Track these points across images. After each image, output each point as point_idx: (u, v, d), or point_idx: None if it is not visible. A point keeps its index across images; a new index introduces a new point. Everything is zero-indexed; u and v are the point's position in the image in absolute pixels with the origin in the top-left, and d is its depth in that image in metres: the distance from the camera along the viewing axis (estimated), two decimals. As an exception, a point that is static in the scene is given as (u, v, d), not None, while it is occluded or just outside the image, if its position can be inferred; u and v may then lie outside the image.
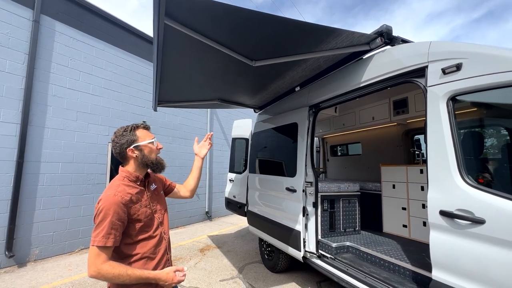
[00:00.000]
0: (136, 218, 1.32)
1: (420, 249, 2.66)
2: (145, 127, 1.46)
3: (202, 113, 8.01)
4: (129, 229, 1.30)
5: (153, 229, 1.39)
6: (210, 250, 4.99)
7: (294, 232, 3.06)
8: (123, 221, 1.25)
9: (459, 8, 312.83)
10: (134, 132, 1.40)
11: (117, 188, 1.30)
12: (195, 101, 4.14)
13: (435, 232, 1.69)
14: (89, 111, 5.11)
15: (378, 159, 4.33)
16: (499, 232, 1.39)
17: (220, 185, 8.39)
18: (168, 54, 2.41)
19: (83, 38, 5.10)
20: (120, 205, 1.24)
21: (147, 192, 1.45)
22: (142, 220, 1.34)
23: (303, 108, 3.26)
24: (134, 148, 1.38)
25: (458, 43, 1.77)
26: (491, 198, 1.44)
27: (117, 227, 1.22)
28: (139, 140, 1.39)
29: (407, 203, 3.15)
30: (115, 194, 1.26)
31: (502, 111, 1.65)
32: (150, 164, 1.43)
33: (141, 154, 1.40)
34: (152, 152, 1.44)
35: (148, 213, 1.39)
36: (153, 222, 1.41)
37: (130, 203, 1.30)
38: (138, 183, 1.41)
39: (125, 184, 1.35)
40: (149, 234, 1.37)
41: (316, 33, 2.19)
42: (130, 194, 1.32)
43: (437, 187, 1.70)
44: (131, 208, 1.30)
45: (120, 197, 1.26)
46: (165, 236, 1.47)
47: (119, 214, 1.23)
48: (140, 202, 1.36)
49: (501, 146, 1.68)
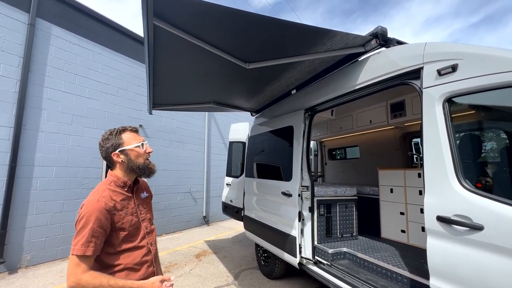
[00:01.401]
0: (120, 226, 1.25)
1: (418, 255, 2.59)
2: (133, 130, 1.39)
3: (200, 116, 7.98)
4: (112, 238, 1.23)
5: (138, 239, 1.32)
6: (206, 255, 4.90)
7: (290, 238, 2.99)
8: (105, 228, 1.19)
9: (458, 12, 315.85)
10: (120, 136, 1.34)
11: (102, 193, 1.24)
12: (191, 104, 4.10)
13: (432, 238, 1.63)
14: (84, 115, 5.07)
15: (376, 163, 4.27)
16: (498, 239, 1.33)
17: (218, 189, 8.31)
18: (160, 56, 2.38)
19: (80, 42, 5.08)
20: (103, 211, 1.18)
21: (135, 199, 1.39)
22: (127, 229, 1.27)
23: (298, 111, 3.22)
24: (119, 152, 1.32)
25: (453, 43, 1.73)
26: (489, 203, 1.39)
27: (98, 235, 1.16)
28: (124, 144, 1.33)
29: (405, 207, 3.08)
30: (99, 199, 1.20)
31: (500, 113, 1.61)
32: (136, 169, 1.35)
33: (127, 159, 1.33)
34: (139, 156, 1.35)
35: (134, 221, 1.32)
36: (139, 232, 1.34)
37: (114, 210, 1.24)
38: (125, 189, 1.35)
39: (111, 189, 1.30)
40: (134, 244, 1.29)
41: (310, 35, 2.16)
42: (114, 201, 1.26)
43: (434, 192, 1.64)
44: (115, 216, 1.24)
45: (104, 203, 1.20)
46: (152, 248, 1.39)
47: (101, 221, 1.17)
48: (125, 210, 1.30)
49: (500, 149, 1.63)
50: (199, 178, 7.78)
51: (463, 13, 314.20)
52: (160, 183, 6.51)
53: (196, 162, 7.73)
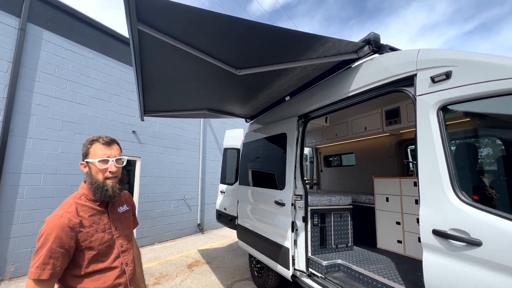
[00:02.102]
0: (87, 245, 1.13)
1: (415, 268, 2.50)
2: (105, 142, 1.25)
3: (195, 122, 7.90)
4: (78, 258, 1.12)
5: (111, 259, 1.20)
6: (198, 266, 4.76)
7: (283, 249, 2.88)
8: (67, 248, 1.07)
9: (452, 20, 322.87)
10: (89, 146, 1.24)
11: (67, 208, 1.14)
12: (183, 111, 4.03)
13: (428, 253, 1.54)
14: (75, 121, 4.97)
15: (372, 170, 4.21)
16: (497, 256, 1.25)
17: (213, 196, 8.18)
18: (148, 62, 2.32)
19: (72, 47, 5.02)
20: (65, 229, 1.07)
21: (109, 214, 1.28)
22: (96, 248, 1.16)
23: (292, 118, 3.15)
24: (85, 163, 1.23)
25: (447, 50, 1.68)
26: (488, 217, 1.31)
27: (57, 256, 1.04)
28: (89, 156, 1.22)
29: (401, 217, 3.00)
30: (62, 215, 1.10)
31: (497, 122, 1.55)
32: (93, 185, 1.20)
33: (89, 172, 1.22)
34: (98, 172, 1.21)
35: (105, 239, 1.20)
36: (112, 251, 1.22)
37: (80, 227, 1.13)
38: (97, 203, 1.25)
39: (80, 203, 1.19)
40: (105, 265, 1.18)
41: (301, 41, 2.11)
42: (81, 217, 1.15)
43: (429, 204, 1.57)
44: (80, 233, 1.12)
45: (67, 220, 1.10)
46: (128, 268, 1.27)
47: (62, 240, 1.05)
48: (95, 226, 1.19)
49: (498, 159, 1.56)
50: (194, 185, 7.66)
51: (457, 21, 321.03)
52: (153, 190, 6.38)
53: (191, 169, 7.61)
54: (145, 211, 6.13)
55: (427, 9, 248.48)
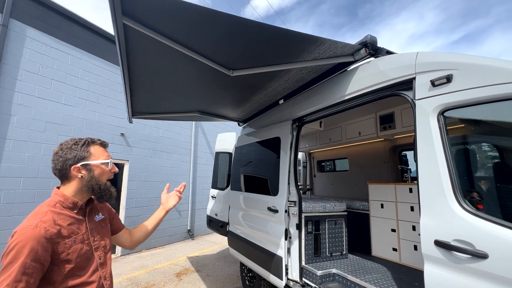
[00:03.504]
0: (64, 258, 1.01)
1: (412, 277, 2.42)
2: (102, 144, 1.23)
3: (186, 125, 7.74)
4: (52, 274, 0.99)
5: (89, 273, 1.08)
6: (187, 274, 4.57)
7: (276, 258, 2.77)
8: (42, 262, 0.94)
9: (439, 30, 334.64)
10: (87, 148, 1.14)
11: (42, 217, 1.00)
12: (173, 113, 3.89)
13: (430, 265, 1.46)
14: (60, 122, 4.75)
15: (366, 176, 4.16)
16: (505, 269, 1.18)
17: (204, 201, 8.00)
18: (136, 60, 2.19)
19: (58, 45, 4.82)
20: (41, 240, 0.94)
21: (87, 224, 1.15)
22: (73, 261, 1.03)
23: (286, 122, 3.07)
24: (81, 166, 1.11)
25: (447, 53, 1.63)
26: (494, 228, 1.24)
27: (31, 272, 0.91)
28: (90, 158, 1.14)
29: (397, 224, 2.94)
30: (37, 225, 0.96)
31: (500, 127, 1.49)
32: (97, 189, 1.15)
33: (89, 175, 1.13)
34: (103, 174, 1.18)
35: (84, 251, 1.08)
36: (90, 263, 1.10)
37: (58, 238, 1.00)
38: (75, 211, 1.12)
39: (55, 211, 1.05)
40: (82, 279, 1.05)
41: (297, 42, 2.03)
42: (59, 226, 1.02)
43: (431, 213, 1.49)
44: (58, 245, 0.99)
45: (44, 230, 0.96)
46: (106, 283, 1.15)
47: (37, 253, 0.92)
48: (74, 237, 1.06)
49: (504, 167, 1.50)
50: (185, 189, 7.44)
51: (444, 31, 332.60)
52: (142, 195, 6.17)
53: (182, 173, 7.42)
54: (133, 217, 5.90)
55: (416, 19, 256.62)
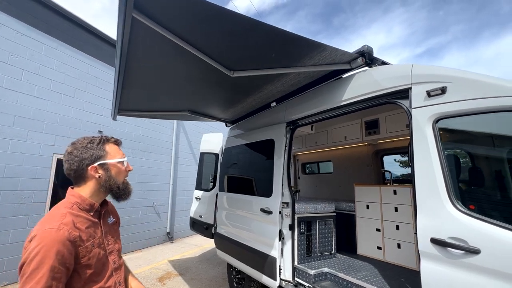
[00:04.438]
0: (85, 263, 0.95)
1: (397, 274, 2.59)
2: (116, 142, 1.19)
3: (168, 125, 7.50)
4: (72, 280, 0.93)
5: (105, 278, 1.02)
6: (170, 278, 4.42)
7: (269, 259, 2.79)
8: (68, 266, 0.88)
9: (406, 43, 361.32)
10: (103, 146, 1.09)
11: (62, 219, 0.93)
12: (163, 112, 3.77)
13: (426, 261, 1.59)
14: (30, 116, 4.36)
15: (349, 178, 4.35)
16: (496, 263, 1.32)
17: (184, 202, 7.80)
18: (135, 55, 2.09)
19: (31, 33, 4.43)
20: (66, 243, 0.88)
21: (102, 226, 1.10)
22: (93, 266, 0.98)
23: (280, 125, 3.12)
24: (98, 166, 1.05)
25: (440, 67, 1.78)
26: (485, 226, 1.38)
27: (59, 277, 0.85)
28: (107, 157, 1.08)
29: (381, 224, 3.12)
30: (59, 227, 0.89)
31: (490, 136, 1.67)
32: (116, 188, 1.11)
33: (107, 175, 1.08)
34: (120, 173, 1.14)
35: (101, 255, 1.03)
36: (106, 268, 1.05)
37: (80, 241, 0.94)
38: (91, 213, 1.06)
39: (73, 213, 0.99)
40: (99, 285, 0.99)
41: (301, 47, 2.08)
42: (79, 229, 0.96)
43: (427, 213, 1.62)
44: (80, 249, 0.93)
45: (67, 232, 0.90)
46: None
47: (63, 256, 0.86)
48: (92, 240, 1.00)
49: (492, 171, 1.68)
50: (164, 191, 7.21)
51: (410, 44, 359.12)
52: (119, 196, 5.85)
53: (162, 173, 7.17)
54: (109, 219, 5.57)
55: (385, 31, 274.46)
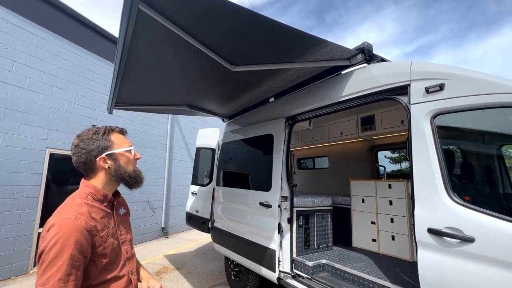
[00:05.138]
0: (101, 252, 0.98)
1: (392, 265, 2.69)
2: (122, 132, 1.19)
3: (162, 119, 7.43)
4: (89, 269, 0.95)
5: (119, 267, 1.05)
6: (167, 272, 4.44)
7: (269, 251, 2.85)
8: (85, 255, 0.91)
9: (396, 41, 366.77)
10: (108, 137, 1.10)
11: (78, 209, 0.95)
12: (161, 106, 3.73)
13: (423, 250, 1.66)
14: (22, 109, 4.25)
15: (344, 173, 4.44)
16: (489, 250, 1.40)
17: (179, 198, 7.78)
18: (136, 48, 2.07)
19: (21, 23, 4.29)
20: (84, 232, 0.90)
21: (114, 217, 1.12)
22: (108, 255, 1.00)
23: (279, 120, 3.15)
24: (106, 156, 1.06)
25: (439, 64, 1.84)
26: (479, 216, 1.46)
27: (78, 265, 0.87)
28: (114, 147, 1.09)
29: (376, 217, 3.22)
30: (77, 217, 0.91)
31: (485, 130, 1.75)
32: (127, 177, 1.12)
33: (116, 165, 1.09)
34: (129, 162, 1.14)
35: (115, 245, 1.05)
36: (120, 258, 1.07)
37: (96, 231, 0.96)
38: (105, 203, 1.08)
39: (88, 204, 1.01)
40: (114, 274, 1.02)
41: (304, 42, 2.11)
42: (94, 219, 0.98)
43: (424, 205, 1.69)
44: (96, 238, 0.96)
45: (84, 222, 0.92)
46: (133, 278, 1.12)
47: (82, 245, 0.89)
48: (107, 230, 1.03)
49: (485, 164, 1.76)
50: (159, 186, 7.17)
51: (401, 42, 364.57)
52: (113, 192, 5.79)
53: (156, 169, 7.12)
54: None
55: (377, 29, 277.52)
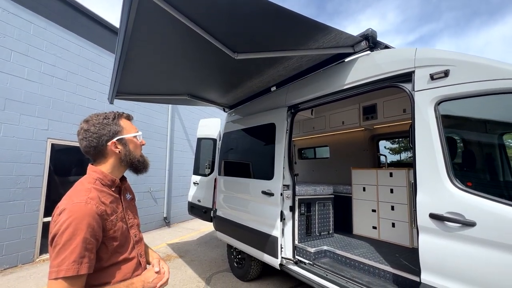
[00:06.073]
0: (111, 235, 1.00)
1: (392, 251, 2.75)
2: (128, 117, 1.20)
3: (163, 110, 7.40)
4: (100, 251, 0.97)
5: (128, 250, 1.07)
6: (171, 260, 4.53)
7: (271, 238, 2.90)
8: (98, 238, 0.93)
9: (398, 30, 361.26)
10: (118, 122, 1.11)
11: (87, 194, 0.96)
12: (161, 95, 3.71)
13: (425, 235, 1.70)
14: (22, 100, 4.22)
15: (346, 163, 4.46)
16: (490, 234, 1.43)
17: (180, 188, 7.84)
18: (138, 35, 2.04)
19: (19, 12, 4.21)
20: (95, 216, 0.92)
21: (122, 202, 1.14)
22: (118, 238, 1.03)
23: (281, 109, 3.15)
24: (117, 141, 1.08)
25: (444, 50, 1.83)
26: (481, 201, 1.48)
27: (91, 248, 0.90)
28: (124, 132, 1.10)
29: (377, 205, 3.26)
30: (87, 201, 0.93)
31: (488, 117, 1.75)
32: (136, 162, 1.14)
33: (126, 150, 1.10)
34: (137, 148, 1.16)
35: (124, 228, 1.08)
36: (129, 241, 1.10)
37: (106, 215, 0.98)
38: (113, 188, 1.09)
39: (97, 188, 1.02)
40: (124, 256, 1.05)
41: (307, 29, 2.08)
42: (104, 204, 1.00)
43: (426, 191, 1.71)
44: (106, 222, 0.98)
45: (95, 206, 0.94)
46: (142, 260, 1.15)
47: (94, 229, 0.91)
48: (116, 215, 1.05)
49: (488, 151, 1.78)
50: (161, 177, 7.22)
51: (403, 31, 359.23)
52: (116, 182, 5.83)
53: (158, 159, 7.15)
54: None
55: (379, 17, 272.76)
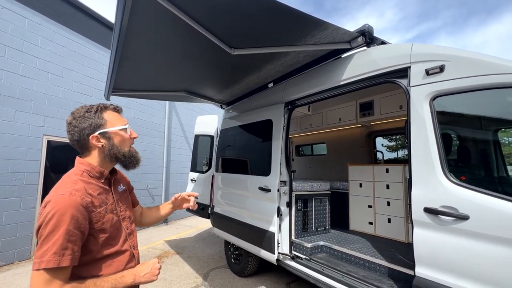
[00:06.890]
0: (100, 227, 0.99)
1: (388, 246, 2.77)
2: (116, 109, 1.14)
3: (160, 106, 7.36)
4: (89, 243, 0.96)
5: (120, 242, 1.07)
6: (168, 256, 4.54)
7: (268, 234, 2.91)
8: (82, 230, 0.92)
9: (396, 28, 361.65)
10: (101, 115, 1.07)
11: (73, 186, 0.95)
12: (159, 92, 3.70)
13: (419, 229, 1.71)
14: (17, 96, 4.18)
15: (343, 159, 4.48)
16: (483, 227, 1.45)
17: (178, 185, 7.83)
18: (134, 30, 2.03)
19: (12, 6, 4.16)
20: (79, 208, 0.91)
21: (113, 194, 1.13)
22: (108, 230, 1.02)
23: (278, 105, 3.15)
24: (99, 135, 1.05)
25: (440, 46, 1.84)
26: (474, 194, 1.50)
27: (74, 239, 0.88)
28: (107, 125, 1.07)
29: (373, 201, 3.28)
30: (72, 193, 0.92)
31: (482, 112, 1.76)
32: (122, 157, 1.10)
33: (109, 144, 1.07)
34: (124, 142, 1.12)
35: (114, 221, 1.07)
36: (121, 233, 1.09)
37: (93, 207, 0.97)
38: (102, 180, 1.08)
39: (84, 180, 1.01)
40: (116, 248, 1.04)
41: (304, 25, 2.08)
42: (91, 195, 0.99)
43: (421, 185, 1.73)
44: (93, 214, 0.97)
45: (80, 198, 0.93)
46: (135, 252, 1.15)
47: (78, 220, 0.90)
48: (105, 206, 1.04)
49: (482, 146, 1.79)
50: (158, 174, 7.20)
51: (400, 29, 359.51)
52: (113, 179, 5.81)
53: (155, 157, 7.13)
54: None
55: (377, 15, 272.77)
